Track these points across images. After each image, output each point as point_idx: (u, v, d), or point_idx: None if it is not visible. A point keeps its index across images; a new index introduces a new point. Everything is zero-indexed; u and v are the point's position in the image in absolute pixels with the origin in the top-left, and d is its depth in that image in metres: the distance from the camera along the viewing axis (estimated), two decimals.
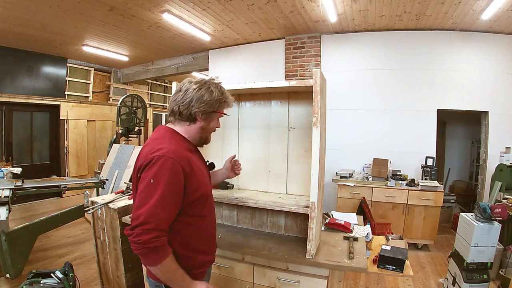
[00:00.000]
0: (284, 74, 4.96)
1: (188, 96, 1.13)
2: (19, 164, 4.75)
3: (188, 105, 1.13)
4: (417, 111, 4.28)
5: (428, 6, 3.55)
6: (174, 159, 1.01)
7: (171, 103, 1.18)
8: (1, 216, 2.49)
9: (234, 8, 3.87)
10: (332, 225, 1.98)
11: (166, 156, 1.00)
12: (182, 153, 1.07)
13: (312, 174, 1.49)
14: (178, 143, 1.11)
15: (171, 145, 1.05)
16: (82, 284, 2.61)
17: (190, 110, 1.14)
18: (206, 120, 1.19)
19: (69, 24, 4.46)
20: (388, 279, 3.02)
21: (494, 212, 2.42)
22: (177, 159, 1.02)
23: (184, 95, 1.14)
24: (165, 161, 0.99)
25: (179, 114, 1.16)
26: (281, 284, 1.59)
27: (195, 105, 1.13)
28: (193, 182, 1.07)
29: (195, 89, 1.14)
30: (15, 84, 5.80)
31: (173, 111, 1.17)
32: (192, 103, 1.13)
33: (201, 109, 1.14)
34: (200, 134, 1.21)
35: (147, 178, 0.99)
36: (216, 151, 2.16)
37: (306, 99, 1.80)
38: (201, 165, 1.22)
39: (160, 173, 0.98)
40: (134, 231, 0.95)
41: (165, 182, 0.98)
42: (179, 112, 1.15)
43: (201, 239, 1.17)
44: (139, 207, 0.97)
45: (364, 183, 4.00)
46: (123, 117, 5.40)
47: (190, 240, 1.13)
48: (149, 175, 0.98)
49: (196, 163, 1.14)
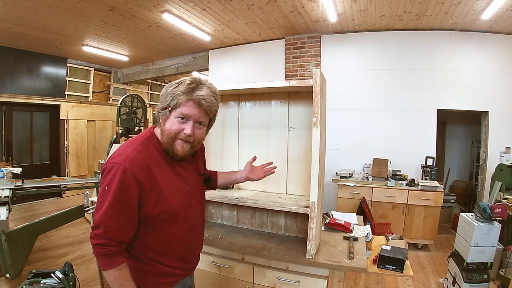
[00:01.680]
0: (284, 74, 4.96)
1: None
2: (19, 164, 4.74)
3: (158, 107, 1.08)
4: (417, 111, 4.29)
5: (428, 6, 3.55)
6: (126, 167, 0.94)
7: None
8: (1, 216, 2.49)
9: (234, 8, 3.87)
10: (332, 225, 1.98)
11: (120, 163, 0.94)
12: (143, 162, 0.98)
13: (312, 174, 1.49)
14: (146, 150, 1.02)
15: (133, 152, 0.98)
16: (82, 284, 2.61)
17: (158, 113, 1.07)
18: (163, 120, 1.05)
19: (69, 24, 4.46)
20: (388, 279, 3.02)
21: (494, 212, 2.43)
22: (132, 169, 0.94)
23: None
24: (117, 170, 0.94)
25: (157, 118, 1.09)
26: (281, 284, 1.59)
27: (158, 105, 1.06)
28: (152, 196, 0.99)
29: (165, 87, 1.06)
30: (15, 84, 5.80)
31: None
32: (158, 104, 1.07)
33: (159, 106, 1.05)
34: (163, 139, 1.06)
35: (103, 185, 0.96)
36: (216, 151, 2.16)
37: (306, 99, 1.80)
38: (178, 179, 1.10)
39: (111, 181, 0.94)
40: (90, 232, 0.97)
41: (114, 191, 0.93)
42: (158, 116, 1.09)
43: (167, 254, 1.09)
44: (95, 212, 0.97)
45: (364, 183, 4.00)
46: (123, 117, 5.39)
47: (153, 252, 1.06)
48: (104, 181, 0.96)
49: (166, 175, 1.04)
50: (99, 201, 0.96)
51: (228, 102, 2.09)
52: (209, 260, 1.77)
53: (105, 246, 0.94)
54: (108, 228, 0.94)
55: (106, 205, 0.93)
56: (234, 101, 2.08)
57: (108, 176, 0.95)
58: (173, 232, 1.08)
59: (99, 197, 0.97)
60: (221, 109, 2.12)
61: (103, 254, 0.95)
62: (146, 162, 0.99)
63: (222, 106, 2.12)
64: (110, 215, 0.94)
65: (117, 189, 0.93)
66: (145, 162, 0.99)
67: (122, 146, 1.04)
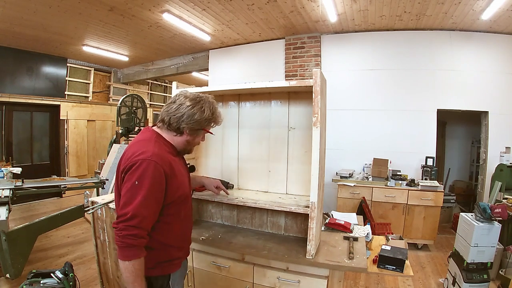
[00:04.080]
0: (284, 74, 4.96)
1: (180, 111, 1.20)
2: (19, 164, 4.73)
3: (179, 120, 1.21)
4: (417, 111, 4.28)
5: (428, 6, 3.55)
6: (157, 162, 1.09)
7: (163, 112, 1.25)
8: (1, 216, 2.49)
9: (234, 8, 3.87)
10: (332, 225, 1.98)
11: (150, 159, 1.08)
12: (165, 156, 1.15)
13: (312, 174, 1.49)
14: (161, 147, 1.18)
15: (155, 148, 1.13)
16: (82, 284, 2.61)
17: (179, 124, 1.21)
18: (192, 135, 1.26)
19: (69, 24, 4.46)
20: (388, 279, 3.02)
21: (494, 212, 2.43)
22: (160, 162, 1.10)
23: (177, 109, 1.21)
24: (148, 164, 1.07)
25: (168, 125, 1.23)
26: (281, 284, 1.59)
27: (185, 120, 1.21)
28: (174, 184, 1.16)
29: (188, 106, 1.21)
30: (15, 84, 5.80)
31: (164, 120, 1.24)
32: (183, 119, 1.20)
33: (189, 125, 1.22)
34: (184, 146, 1.29)
35: (131, 180, 1.06)
36: (216, 151, 2.17)
37: (306, 99, 1.80)
38: (182, 168, 1.31)
39: (144, 176, 1.06)
40: (119, 225, 1.04)
41: (148, 184, 1.06)
42: (169, 123, 1.22)
43: (176, 237, 1.26)
44: (125, 206, 1.05)
45: (364, 183, 4.00)
46: (123, 117, 5.39)
47: (167, 237, 1.21)
48: (134, 177, 1.06)
49: (177, 166, 1.22)
50: (130, 195, 1.05)
51: (228, 102, 2.09)
52: (209, 260, 1.77)
53: (137, 238, 1.04)
54: (142, 218, 1.05)
55: (140, 198, 1.04)
56: (234, 101, 2.08)
57: (139, 171, 1.07)
58: (183, 214, 1.28)
59: (129, 191, 1.06)
60: (221, 109, 2.13)
61: (132, 245, 1.04)
62: (166, 156, 1.17)
63: (222, 106, 2.12)
64: (145, 206, 1.06)
65: (151, 181, 1.06)
66: (166, 156, 1.16)
67: (138, 145, 1.16)
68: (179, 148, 1.29)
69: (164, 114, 1.24)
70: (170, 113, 1.22)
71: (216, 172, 2.16)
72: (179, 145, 1.28)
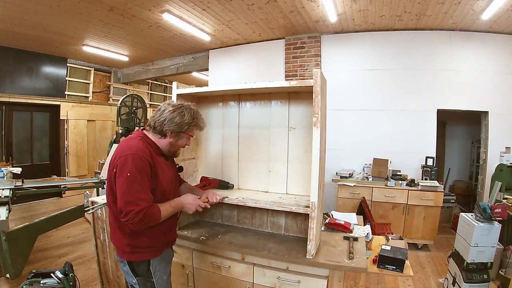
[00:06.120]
0: (284, 74, 4.96)
1: (164, 116, 1.38)
2: (19, 164, 4.73)
3: (162, 123, 1.38)
4: (417, 111, 4.29)
5: (428, 6, 3.55)
6: (140, 155, 1.28)
7: (151, 118, 1.43)
8: (1, 216, 2.49)
9: (234, 8, 3.87)
10: (332, 225, 1.98)
11: (135, 153, 1.27)
12: (147, 150, 1.32)
13: (312, 174, 1.49)
14: (145, 145, 1.35)
15: (139, 145, 1.31)
16: (82, 284, 2.61)
17: (162, 127, 1.38)
18: (175, 137, 1.43)
19: (69, 24, 4.46)
20: (388, 279, 3.02)
21: (494, 212, 2.43)
22: (143, 155, 1.28)
23: (160, 114, 1.39)
24: (134, 157, 1.26)
25: (153, 128, 1.40)
26: (281, 284, 1.59)
27: (167, 124, 1.38)
28: (154, 175, 1.34)
29: (170, 111, 1.39)
30: (15, 84, 5.80)
31: (150, 124, 1.42)
32: (165, 122, 1.38)
33: (170, 128, 1.38)
34: (168, 147, 1.45)
35: (124, 173, 1.24)
36: (216, 151, 2.17)
37: (306, 99, 1.80)
38: (167, 168, 1.46)
39: (132, 167, 1.24)
40: (128, 216, 1.20)
41: (138, 173, 1.25)
42: (154, 127, 1.40)
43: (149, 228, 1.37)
44: (124, 196, 1.22)
45: (364, 183, 4.00)
46: (123, 117, 5.39)
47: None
48: (126, 170, 1.24)
49: (160, 165, 1.39)
50: (126, 186, 1.22)
51: (228, 102, 2.09)
52: (209, 260, 1.77)
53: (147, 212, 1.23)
54: (143, 201, 1.24)
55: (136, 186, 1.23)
56: (235, 101, 2.08)
57: (127, 165, 1.24)
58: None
59: (125, 183, 1.23)
60: (221, 109, 2.13)
61: (150, 217, 1.25)
62: (150, 151, 1.34)
63: (222, 106, 2.12)
64: (141, 191, 1.24)
65: (140, 171, 1.25)
66: (149, 151, 1.33)
67: (125, 144, 1.34)
68: (165, 150, 1.45)
69: (150, 120, 1.43)
70: (155, 118, 1.40)
71: (216, 172, 2.16)
72: (164, 147, 1.44)
